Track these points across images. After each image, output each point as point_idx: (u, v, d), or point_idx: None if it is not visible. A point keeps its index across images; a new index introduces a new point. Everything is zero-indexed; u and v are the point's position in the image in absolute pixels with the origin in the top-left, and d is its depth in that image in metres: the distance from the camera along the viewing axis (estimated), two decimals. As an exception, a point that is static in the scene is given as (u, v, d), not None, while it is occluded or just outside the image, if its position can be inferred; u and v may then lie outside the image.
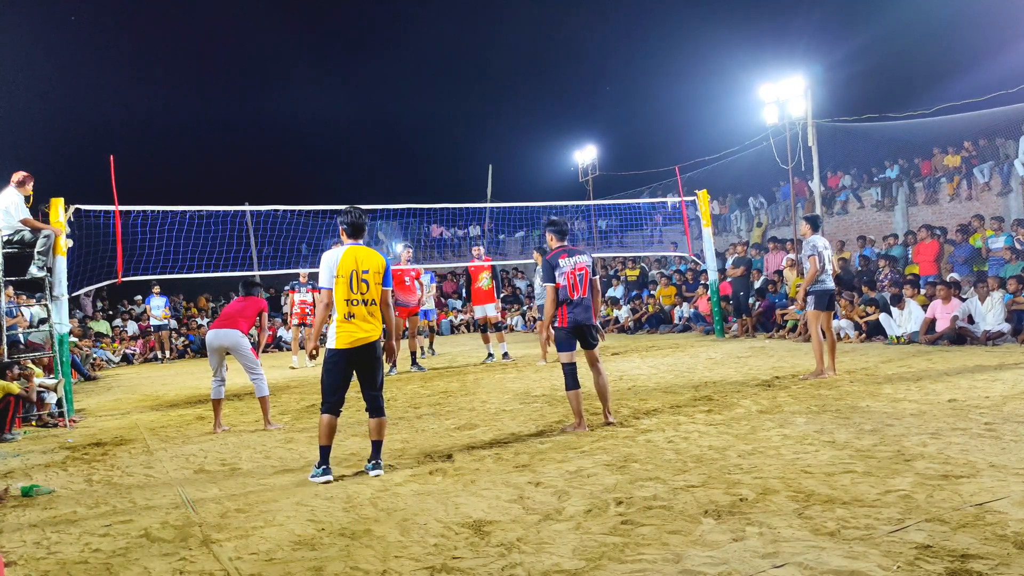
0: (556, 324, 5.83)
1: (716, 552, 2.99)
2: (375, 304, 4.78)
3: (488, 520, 3.61)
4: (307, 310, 13.52)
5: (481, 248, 11.86)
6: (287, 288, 14.83)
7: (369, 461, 4.81)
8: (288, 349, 17.01)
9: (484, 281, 11.51)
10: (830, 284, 7.85)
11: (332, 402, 4.76)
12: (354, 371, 4.83)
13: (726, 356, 10.26)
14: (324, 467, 4.68)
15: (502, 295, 20.50)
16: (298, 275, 13.51)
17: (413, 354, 11.23)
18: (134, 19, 30.84)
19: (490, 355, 11.60)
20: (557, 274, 5.73)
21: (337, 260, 4.77)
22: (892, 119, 15.49)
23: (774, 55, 19.25)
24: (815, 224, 8.07)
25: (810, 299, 7.85)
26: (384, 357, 4.95)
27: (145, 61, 31.59)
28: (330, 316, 4.81)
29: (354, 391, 4.93)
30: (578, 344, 5.84)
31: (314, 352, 4.98)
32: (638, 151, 28.07)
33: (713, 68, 25.30)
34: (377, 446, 4.84)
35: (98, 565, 3.38)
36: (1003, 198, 15.45)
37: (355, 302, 4.71)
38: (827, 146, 16.60)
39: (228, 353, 6.89)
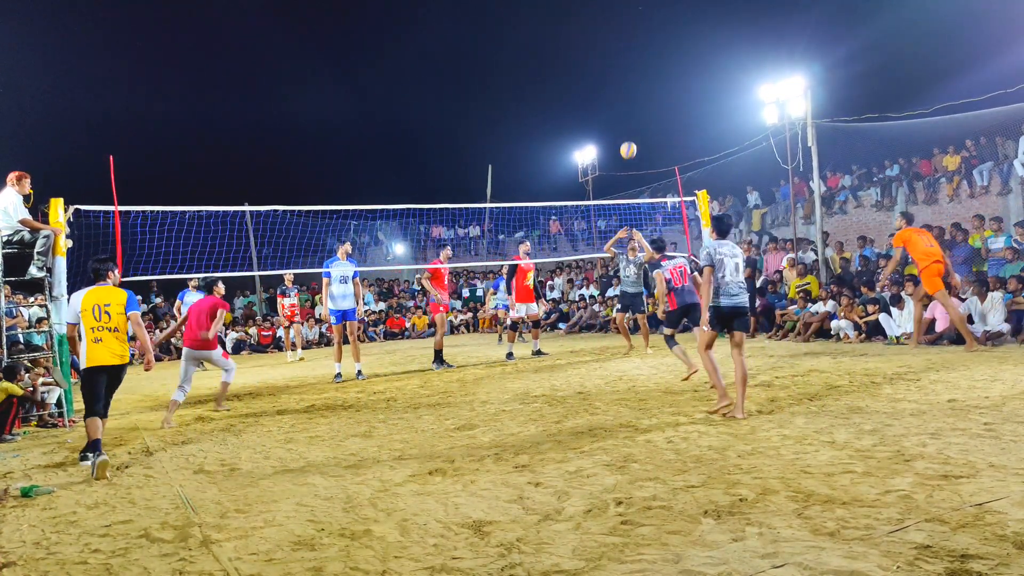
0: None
1: (716, 552, 2.99)
2: (119, 331, 5.82)
3: (488, 520, 3.61)
4: (295, 311, 14.59)
5: (529, 245, 12.17)
6: (277, 292, 15.03)
7: (93, 452, 5.42)
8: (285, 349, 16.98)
9: (531, 280, 11.92)
10: (732, 299, 6.24)
11: (97, 408, 5.72)
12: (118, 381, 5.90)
13: (726, 356, 10.24)
14: (96, 453, 5.36)
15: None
16: (283, 278, 13.83)
17: (439, 352, 11.26)
18: (134, 19, 30.86)
19: (510, 355, 11.71)
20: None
21: (79, 299, 5.91)
22: (892, 119, 15.48)
23: (774, 55, 19.26)
24: (720, 226, 6.54)
25: (708, 315, 6.31)
26: (147, 368, 6.12)
27: (145, 61, 31.59)
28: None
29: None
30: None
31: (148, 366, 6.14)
32: (638, 151, 28.04)
33: (713, 68, 25.33)
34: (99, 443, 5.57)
35: (98, 565, 3.37)
36: (1003, 198, 15.46)
37: (100, 328, 5.77)
38: (827, 146, 16.58)
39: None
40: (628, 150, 13.13)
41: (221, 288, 8.73)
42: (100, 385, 5.77)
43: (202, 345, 7.99)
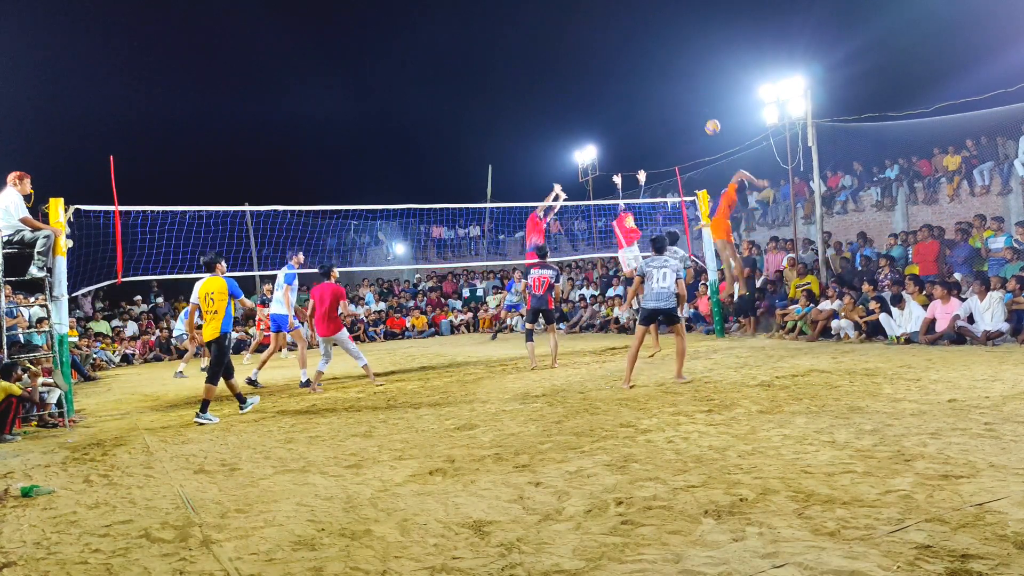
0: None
1: (716, 552, 2.99)
2: (217, 312, 7.60)
3: (488, 520, 3.61)
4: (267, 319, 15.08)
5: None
6: (258, 302, 14.99)
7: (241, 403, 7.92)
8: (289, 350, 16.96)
9: (629, 221, 12.62)
10: (652, 303, 7.93)
11: (226, 369, 7.71)
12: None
13: (726, 356, 10.26)
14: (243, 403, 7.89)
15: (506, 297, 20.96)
16: (263, 289, 13.87)
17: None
18: (134, 19, 30.86)
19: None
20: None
21: (198, 288, 7.94)
22: (892, 119, 15.46)
23: (774, 55, 19.27)
24: (655, 245, 8.19)
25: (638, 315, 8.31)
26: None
27: (145, 61, 31.62)
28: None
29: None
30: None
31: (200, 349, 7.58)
32: (638, 151, 28.10)
33: (713, 68, 25.32)
34: (206, 403, 7.54)
35: (98, 565, 3.37)
36: (1003, 198, 15.45)
37: (208, 312, 7.65)
38: (827, 146, 16.57)
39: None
40: (713, 126, 13.05)
41: (336, 273, 9.59)
42: (218, 353, 7.61)
43: (328, 332, 9.17)
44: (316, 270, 9.77)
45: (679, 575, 2.82)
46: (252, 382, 10.28)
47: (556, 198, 11.87)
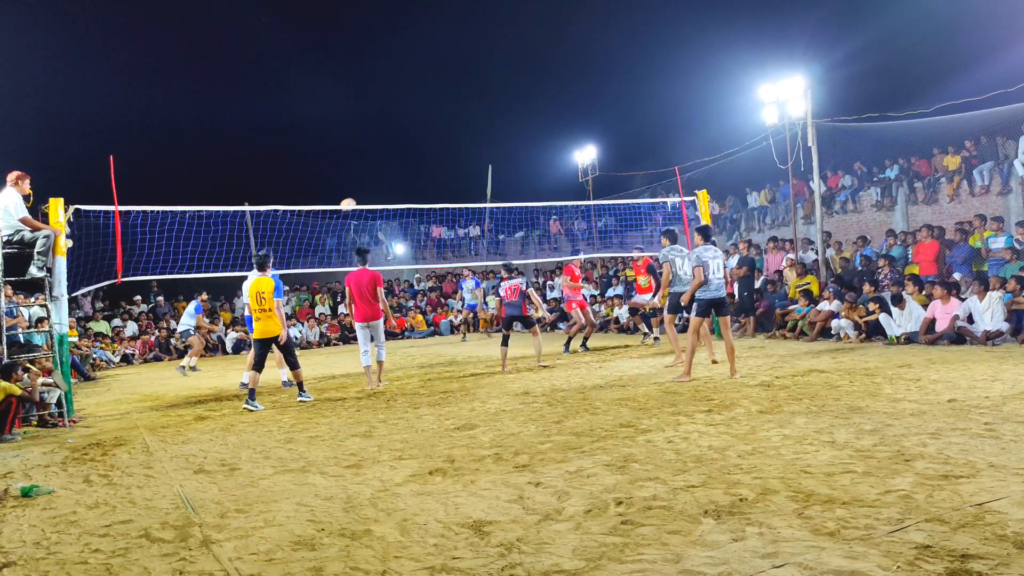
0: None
1: (716, 552, 2.99)
2: (270, 311, 8.19)
3: (488, 520, 3.60)
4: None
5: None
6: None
7: (300, 393, 8.49)
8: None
9: (643, 280, 13.36)
10: (712, 293, 7.96)
11: (256, 366, 8.24)
12: (271, 348, 8.43)
13: (726, 356, 10.24)
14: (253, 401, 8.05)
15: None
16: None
17: (583, 339, 12.72)
18: (134, 19, 30.85)
19: (645, 334, 13.54)
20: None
21: (247, 288, 8.56)
22: (892, 119, 15.46)
23: (774, 55, 19.25)
24: (705, 233, 8.26)
25: (693, 305, 8.16)
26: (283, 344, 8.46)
27: (145, 61, 31.59)
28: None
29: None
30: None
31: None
32: (638, 151, 28.15)
33: (713, 68, 25.34)
34: (300, 384, 8.50)
35: (98, 565, 3.37)
36: (1003, 198, 15.46)
37: (260, 311, 8.22)
38: (827, 146, 16.57)
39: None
40: (347, 204, 13.17)
41: (367, 258, 9.75)
42: (261, 351, 8.25)
43: (369, 316, 9.16)
44: (310, 269, 10.08)
45: (679, 575, 2.82)
46: (244, 384, 10.25)
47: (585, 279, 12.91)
